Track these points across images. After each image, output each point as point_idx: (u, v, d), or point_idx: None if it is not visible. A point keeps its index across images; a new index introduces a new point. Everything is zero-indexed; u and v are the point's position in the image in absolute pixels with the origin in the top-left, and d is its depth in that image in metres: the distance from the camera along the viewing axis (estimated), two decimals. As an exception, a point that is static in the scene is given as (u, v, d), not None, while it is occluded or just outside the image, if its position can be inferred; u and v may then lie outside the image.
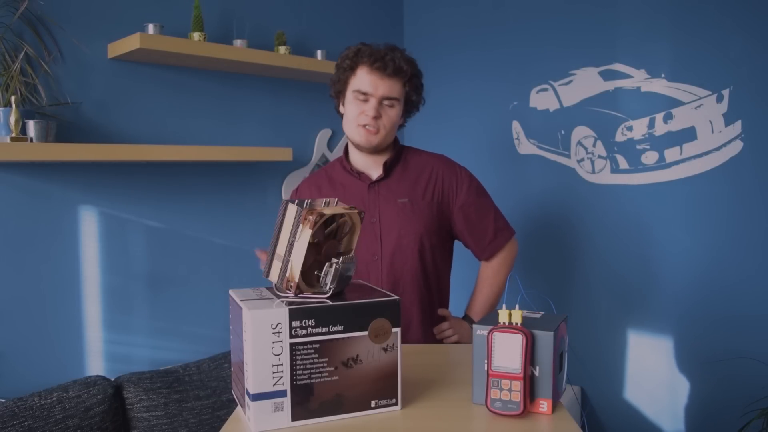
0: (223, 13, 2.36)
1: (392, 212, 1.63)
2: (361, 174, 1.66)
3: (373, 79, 1.57)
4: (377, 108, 1.58)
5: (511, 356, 0.94)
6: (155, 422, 1.92)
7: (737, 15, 2.06)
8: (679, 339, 2.26)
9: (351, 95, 1.60)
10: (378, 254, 1.61)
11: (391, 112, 1.60)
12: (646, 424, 2.35)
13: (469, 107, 2.80)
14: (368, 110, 1.58)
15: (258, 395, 0.89)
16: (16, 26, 1.86)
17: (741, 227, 2.10)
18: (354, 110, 1.60)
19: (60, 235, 2.00)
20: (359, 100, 1.59)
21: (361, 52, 1.58)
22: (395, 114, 1.61)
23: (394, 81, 1.58)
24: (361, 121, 1.59)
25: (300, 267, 0.94)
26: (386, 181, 1.66)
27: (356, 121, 1.60)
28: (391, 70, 1.56)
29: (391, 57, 1.56)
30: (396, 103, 1.60)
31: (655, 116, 2.25)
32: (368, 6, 2.89)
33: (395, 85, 1.58)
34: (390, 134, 1.63)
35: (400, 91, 1.60)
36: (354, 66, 1.59)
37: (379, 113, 1.58)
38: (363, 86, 1.57)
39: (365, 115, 1.58)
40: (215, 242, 2.37)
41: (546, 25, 2.52)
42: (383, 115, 1.59)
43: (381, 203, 1.63)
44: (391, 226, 1.62)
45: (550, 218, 2.58)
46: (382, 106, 1.59)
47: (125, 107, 2.13)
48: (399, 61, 1.57)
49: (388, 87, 1.57)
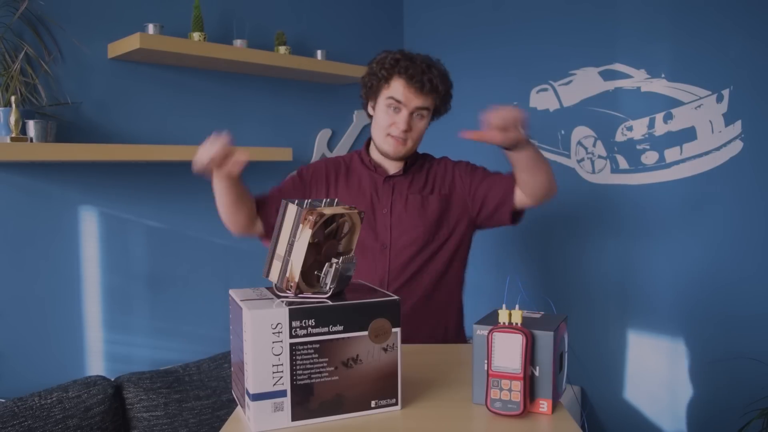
0: (223, 13, 2.36)
1: (403, 206, 1.66)
2: (378, 167, 1.69)
3: (408, 92, 1.59)
4: (409, 121, 1.60)
5: (511, 356, 0.94)
6: (155, 422, 1.92)
7: (737, 15, 2.06)
8: (679, 339, 2.26)
9: (383, 101, 1.62)
10: (387, 244, 1.64)
11: (420, 123, 1.63)
12: (646, 424, 2.35)
13: (469, 107, 2.79)
14: (400, 123, 1.60)
15: (258, 395, 0.89)
16: (16, 26, 1.86)
17: (741, 227, 2.10)
18: (385, 119, 1.62)
19: (60, 235, 2.00)
20: (391, 109, 1.61)
21: (400, 65, 1.59)
22: (424, 125, 1.65)
23: (429, 96, 1.61)
24: (393, 132, 1.62)
25: (300, 267, 0.94)
26: (402, 177, 1.69)
27: (387, 130, 1.62)
28: (428, 90, 1.59)
29: (428, 77, 1.58)
30: (426, 113, 1.63)
31: (655, 116, 2.25)
32: (368, 6, 2.89)
33: (428, 99, 1.61)
34: (417, 144, 1.67)
35: (432, 103, 1.63)
36: (389, 77, 1.60)
37: (410, 126, 1.61)
38: (397, 95, 1.59)
39: (396, 127, 1.60)
40: (215, 242, 2.37)
41: (546, 25, 2.52)
42: (413, 127, 1.62)
43: (394, 196, 1.67)
44: (401, 218, 1.65)
45: (550, 218, 2.58)
46: (413, 117, 1.62)
47: (125, 107, 2.13)
48: (436, 81, 1.60)
49: (422, 100, 1.60)
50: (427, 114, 1.64)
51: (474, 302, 2.33)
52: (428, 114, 1.64)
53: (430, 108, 1.63)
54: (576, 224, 2.49)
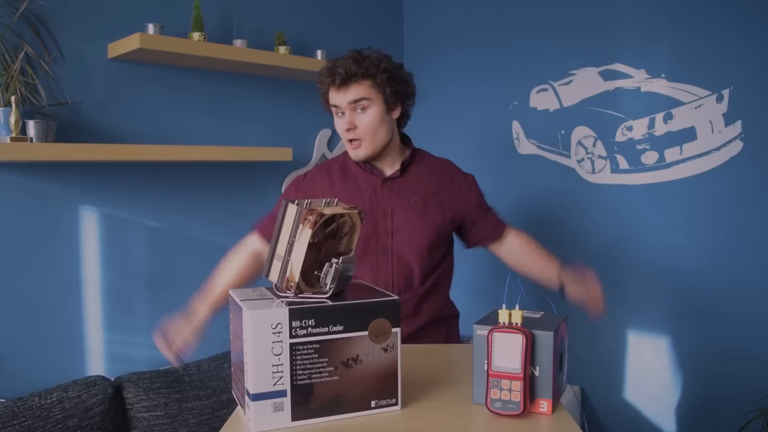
0: (223, 13, 2.36)
1: (405, 209, 1.64)
2: (374, 169, 1.66)
3: (334, 92, 1.57)
4: (351, 120, 1.56)
5: (511, 356, 0.94)
6: (155, 422, 1.92)
7: (737, 15, 2.06)
8: (679, 339, 2.26)
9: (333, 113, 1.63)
10: (389, 249, 1.62)
11: (364, 116, 1.56)
12: (646, 424, 2.35)
13: (469, 107, 2.80)
14: (342, 124, 1.58)
15: (258, 395, 0.89)
16: (16, 26, 1.86)
17: (741, 227, 2.10)
18: (338, 127, 1.62)
19: (60, 235, 2.00)
20: (337, 116, 1.60)
21: (324, 73, 1.58)
22: (371, 116, 1.56)
23: (354, 86, 1.54)
24: (345, 137, 1.61)
25: (300, 267, 0.94)
26: (400, 178, 1.66)
27: (342, 138, 1.62)
28: (340, 81, 1.54)
29: (341, 67, 1.53)
30: (367, 103, 1.55)
31: (655, 116, 2.25)
32: (368, 6, 2.89)
33: (357, 89, 1.54)
34: (377, 137, 1.58)
35: (368, 90, 1.55)
36: (324, 87, 1.60)
37: (352, 123, 1.56)
38: (332, 100, 1.58)
39: (343, 130, 1.59)
40: (215, 242, 2.37)
41: (546, 25, 2.52)
42: (358, 123, 1.56)
43: (394, 199, 1.64)
44: (402, 222, 1.63)
45: (550, 218, 2.58)
46: (356, 113, 1.56)
47: (125, 107, 2.13)
48: (349, 67, 1.52)
49: (350, 93, 1.55)
50: (369, 104, 1.55)
51: (474, 302, 2.34)
52: (371, 103, 1.55)
53: (368, 96, 1.55)
54: (576, 224, 2.49)
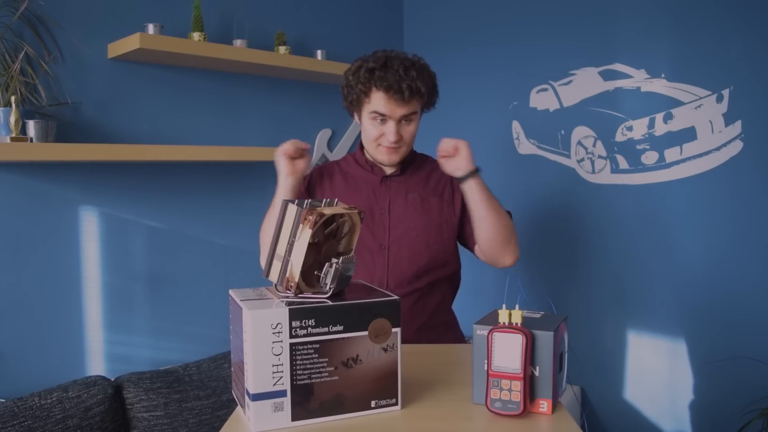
0: (223, 13, 2.36)
1: (402, 206, 1.64)
2: (374, 167, 1.67)
3: (389, 104, 1.52)
4: (397, 130, 1.55)
5: (511, 356, 0.94)
6: (155, 422, 1.92)
7: (737, 15, 2.06)
8: (679, 339, 2.26)
9: (368, 116, 1.57)
10: (385, 245, 1.62)
11: (410, 128, 1.58)
12: (646, 424, 2.35)
13: (469, 107, 2.80)
14: (389, 134, 1.54)
15: (258, 395, 0.89)
16: (16, 26, 1.86)
17: (741, 227, 2.10)
18: (373, 131, 1.57)
19: (60, 235, 2.00)
20: (377, 121, 1.56)
21: (375, 77, 1.50)
22: (414, 128, 1.59)
23: (414, 101, 1.54)
24: (383, 143, 1.58)
25: (300, 267, 0.94)
26: (399, 177, 1.67)
27: (377, 142, 1.59)
28: (409, 95, 1.51)
29: (407, 83, 1.50)
30: (414, 116, 1.58)
31: (655, 116, 2.25)
32: (368, 6, 2.89)
33: (415, 104, 1.55)
34: (410, 147, 1.64)
35: (418, 106, 1.57)
36: (367, 91, 1.54)
37: (399, 135, 1.56)
38: (380, 108, 1.53)
39: (386, 138, 1.56)
40: (215, 242, 2.37)
41: (546, 25, 2.52)
42: (404, 133, 1.57)
43: (392, 196, 1.65)
44: (399, 218, 1.63)
45: (550, 218, 2.58)
46: (401, 123, 1.56)
47: (125, 107, 2.13)
48: (416, 84, 1.51)
49: (407, 108, 1.54)
50: (416, 117, 1.58)
51: (474, 302, 2.34)
52: (417, 117, 1.59)
53: (417, 111, 1.58)
54: (576, 224, 2.49)
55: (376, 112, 1.54)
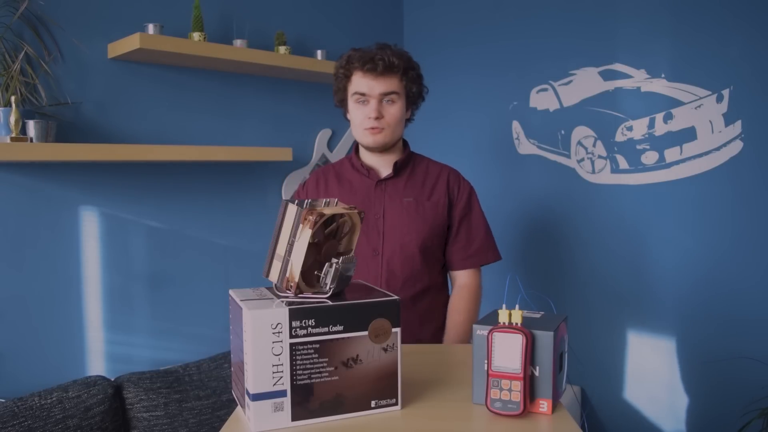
0: (223, 13, 2.36)
1: (397, 210, 1.65)
2: (371, 171, 1.68)
3: (367, 80, 1.60)
4: (378, 108, 1.60)
5: (511, 356, 0.94)
6: (155, 422, 1.92)
7: (737, 14, 2.06)
8: (679, 339, 2.26)
9: (352, 100, 1.64)
10: (379, 250, 1.62)
11: (392, 108, 1.62)
12: (646, 424, 2.35)
13: (469, 107, 2.80)
14: (370, 111, 1.60)
15: (258, 395, 0.89)
16: (16, 26, 1.86)
17: (741, 227, 2.10)
18: (358, 114, 1.63)
19: (60, 235, 2.00)
20: (360, 103, 1.62)
21: (352, 58, 1.62)
22: (398, 109, 1.63)
23: (389, 77, 1.60)
24: (366, 125, 1.61)
25: (300, 267, 0.94)
26: (394, 180, 1.68)
27: (362, 125, 1.63)
28: (382, 68, 1.59)
29: (380, 56, 1.59)
30: (396, 97, 1.62)
31: (655, 116, 2.25)
32: (368, 6, 2.89)
33: (391, 81, 1.61)
34: (396, 130, 1.65)
35: (398, 85, 1.62)
36: (348, 73, 1.63)
37: (380, 113, 1.61)
38: (360, 88, 1.61)
39: (368, 117, 1.61)
40: (215, 242, 2.37)
41: (546, 25, 2.52)
42: (385, 114, 1.61)
43: (386, 200, 1.66)
44: (394, 223, 1.63)
45: (550, 218, 2.58)
46: (383, 104, 1.61)
47: (125, 107, 2.13)
48: (389, 58, 1.59)
49: (384, 84, 1.60)
50: (398, 98, 1.63)
51: (474, 302, 2.33)
52: (399, 98, 1.63)
53: (398, 91, 1.62)
54: (576, 224, 2.49)
55: (357, 92, 1.61)
